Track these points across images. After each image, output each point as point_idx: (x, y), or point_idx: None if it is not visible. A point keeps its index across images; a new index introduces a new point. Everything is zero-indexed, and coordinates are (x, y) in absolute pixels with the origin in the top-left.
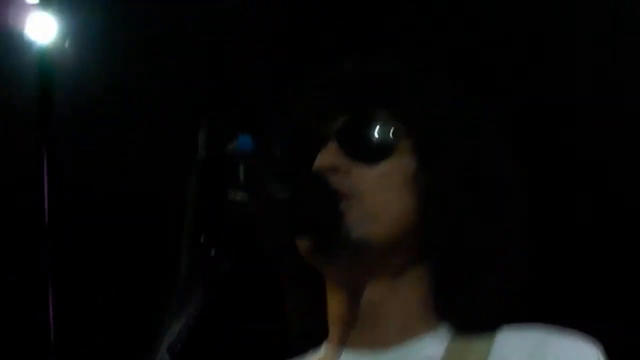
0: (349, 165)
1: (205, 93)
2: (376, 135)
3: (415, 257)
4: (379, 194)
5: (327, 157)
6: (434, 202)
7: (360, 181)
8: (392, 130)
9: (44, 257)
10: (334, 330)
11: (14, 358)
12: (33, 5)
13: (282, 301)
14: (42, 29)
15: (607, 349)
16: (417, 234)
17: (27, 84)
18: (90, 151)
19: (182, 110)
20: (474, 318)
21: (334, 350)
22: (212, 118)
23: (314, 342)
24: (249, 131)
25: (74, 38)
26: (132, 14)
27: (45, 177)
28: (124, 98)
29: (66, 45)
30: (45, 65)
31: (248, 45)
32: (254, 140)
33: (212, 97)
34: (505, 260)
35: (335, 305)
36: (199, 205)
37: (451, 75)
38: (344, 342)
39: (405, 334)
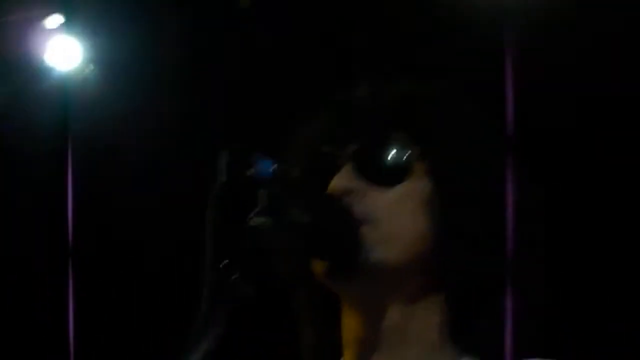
0: (364, 188)
1: (225, 120)
2: (391, 158)
3: (432, 281)
4: (394, 217)
5: (342, 180)
6: (449, 226)
7: (376, 205)
8: (407, 154)
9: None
10: (349, 354)
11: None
12: (54, 30)
13: (297, 325)
14: (64, 54)
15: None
16: (433, 258)
17: (49, 109)
18: (111, 178)
19: (202, 137)
20: (491, 347)
21: None
22: (232, 144)
23: None
24: (268, 157)
25: (97, 63)
26: (155, 40)
27: (70, 204)
28: (145, 124)
29: (89, 70)
30: (66, 91)
31: (266, 71)
32: (273, 165)
33: (231, 124)
34: (522, 285)
35: (351, 328)
36: (219, 230)
37: (464, 95)
38: None
39: None
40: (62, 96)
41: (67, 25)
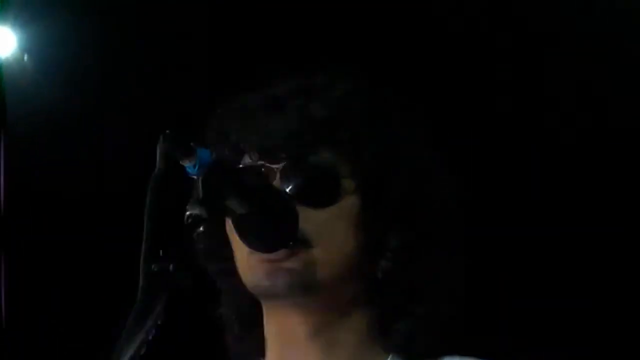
0: (302, 209)
1: (163, 108)
2: (320, 181)
3: (362, 288)
4: (325, 239)
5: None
6: (375, 242)
7: (307, 227)
8: (335, 175)
9: None
10: (273, 353)
11: None
12: None
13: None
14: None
15: None
16: (363, 270)
17: None
18: (44, 167)
19: (140, 126)
20: (413, 346)
21: None
22: (171, 132)
23: None
24: (207, 146)
25: (32, 52)
26: (90, 29)
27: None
28: (81, 114)
29: (24, 59)
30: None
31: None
32: (211, 155)
33: (170, 112)
34: (442, 292)
35: (276, 329)
36: (157, 220)
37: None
38: None
39: None
40: None
41: (1, 15)
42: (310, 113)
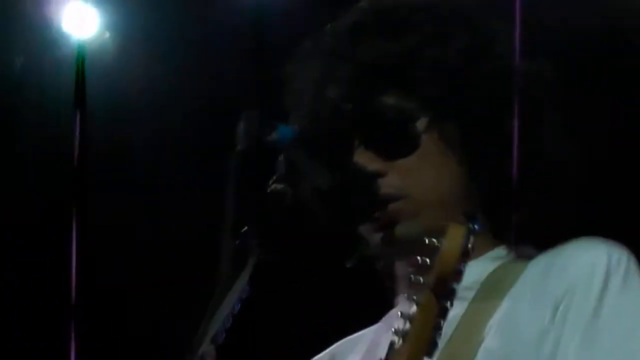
0: (384, 165)
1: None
2: (401, 130)
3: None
4: (422, 185)
5: (362, 162)
6: (475, 164)
7: (402, 179)
8: (409, 120)
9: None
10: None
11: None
12: None
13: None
14: (81, 22)
15: None
16: (464, 192)
17: (64, 78)
18: (127, 147)
19: (221, 106)
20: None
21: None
22: (252, 110)
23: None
24: (289, 123)
25: (113, 30)
26: (174, 9)
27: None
28: (163, 93)
29: (106, 38)
30: (82, 59)
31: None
32: (293, 131)
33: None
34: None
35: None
36: (239, 197)
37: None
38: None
39: None
40: (78, 64)
41: None
42: (364, 58)
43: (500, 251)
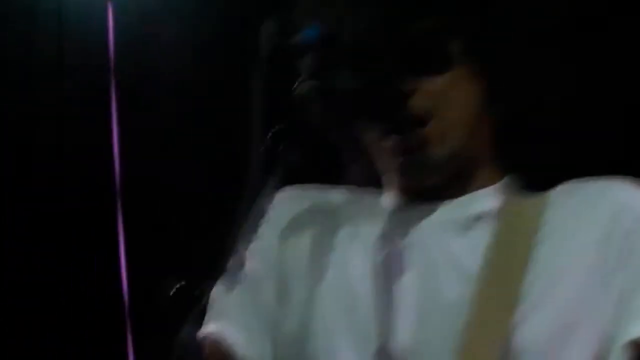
0: (415, 83)
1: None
2: (435, 46)
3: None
4: (453, 105)
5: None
6: (495, 97)
7: (433, 98)
8: (447, 37)
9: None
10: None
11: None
12: None
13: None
14: None
15: None
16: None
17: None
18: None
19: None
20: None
21: (394, 197)
22: (276, 13)
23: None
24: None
25: None
26: None
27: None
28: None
29: None
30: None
31: None
32: (319, 31)
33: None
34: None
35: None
36: (265, 101)
37: None
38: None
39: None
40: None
41: None
42: None
43: (508, 181)
